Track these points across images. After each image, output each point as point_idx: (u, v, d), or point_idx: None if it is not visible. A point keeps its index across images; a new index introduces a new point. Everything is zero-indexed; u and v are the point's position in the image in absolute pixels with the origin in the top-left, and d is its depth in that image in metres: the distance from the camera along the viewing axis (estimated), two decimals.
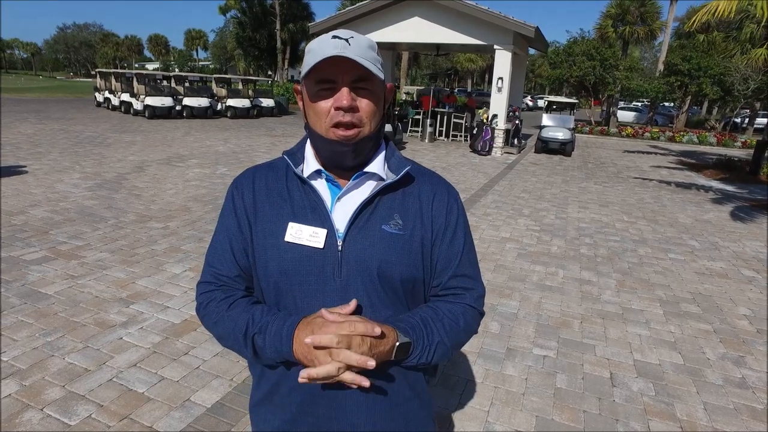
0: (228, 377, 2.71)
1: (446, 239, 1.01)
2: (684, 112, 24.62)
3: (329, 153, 0.95)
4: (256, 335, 0.91)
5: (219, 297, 0.99)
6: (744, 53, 14.12)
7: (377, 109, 0.94)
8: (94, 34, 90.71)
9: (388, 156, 1.04)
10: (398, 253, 0.96)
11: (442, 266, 1.02)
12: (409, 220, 0.98)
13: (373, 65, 0.89)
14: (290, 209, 0.98)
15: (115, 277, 3.95)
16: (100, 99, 20.49)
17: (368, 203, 0.97)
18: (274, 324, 0.91)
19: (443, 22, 13.07)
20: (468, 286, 1.04)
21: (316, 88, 0.91)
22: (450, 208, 1.03)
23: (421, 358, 0.94)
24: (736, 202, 8.63)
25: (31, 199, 6.04)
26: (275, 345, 0.89)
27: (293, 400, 0.99)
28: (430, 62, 53.57)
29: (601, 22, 28.13)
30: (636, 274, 4.74)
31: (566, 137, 13.27)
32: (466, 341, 1.06)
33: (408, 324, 0.94)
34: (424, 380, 1.06)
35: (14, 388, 2.50)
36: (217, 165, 9.12)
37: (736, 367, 3.15)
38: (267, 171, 1.05)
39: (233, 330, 0.94)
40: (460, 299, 1.02)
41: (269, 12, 35.54)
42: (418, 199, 1.01)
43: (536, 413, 2.58)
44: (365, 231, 0.96)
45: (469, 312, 1.02)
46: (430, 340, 0.94)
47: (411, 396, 1.03)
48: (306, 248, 0.94)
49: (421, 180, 1.04)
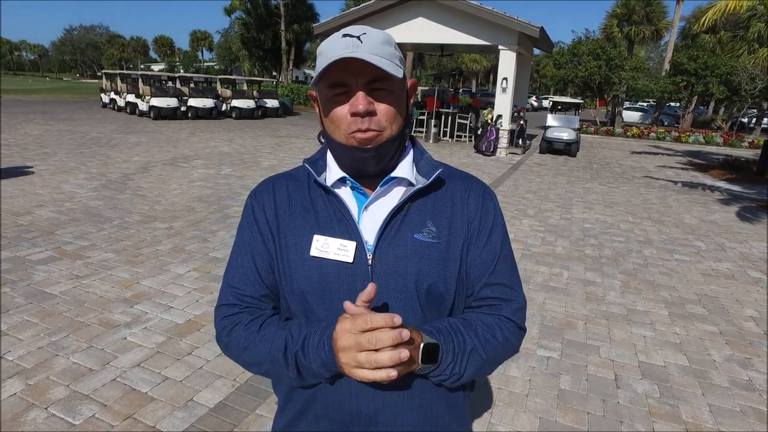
0: (231, 377, 2.72)
1: (480, 242, 0.91)
2: (690, 112, 24.46)
3: (350, 161, 0.88)
4: (299, 352, 0.81)
5: (246, 319, 0.88)
6: (751, 52, 14.02)
7: (398, 111, 0.86)
8: (100, 36, 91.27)
9: (417, 158, 0.95)
10: (434, 263, 0.87)
11: (475, 273, 0.91)
12: (443, 227, 0.90)
13: (389, 62, 0.81)
14: (315, 221, 0.89)
15: (120, 277, 3.97)
16: (105, 100, 20.62)
17: (398, 211, 0.88)
18: (315, 335, 0.81)
19: (448, 23, 13.05)
20: (505, 296, 0.92)
21: (330, 93, 0.83)
22: (486, 209, 0.93)
23: (454, 367, 0.82)
24: (743, 203, 8.57)
25: (38, 199, 6.09)
26: (320, 357, 0.79)
27: (322, 425, 0.91)
28: (435, 63, 53.51)
29: (606, 22, 28.06)
30: (641, 275, 4.71)
31: (571, 138, 13.22)
32: (506, 358, 0.92)
33: (434, 328, 0.83)
34: (464, 402, 0.97)
35: (19, 387, 2.52)
36: (221, 166, 9.14)
37: (742, 369, 3.12)
38: (287, 181, 0.96)
39: (270, 351, 0.84)
40: (495, 311, 0.91)
41: (274, 13, 35.65)
42: (450, 202, 0.92)
43: (540, 414, 2.56)
44: (396, 241, 0.87)
45: (506, 325, 0.90)
46: (462, 347, 0.83)
47: (449, 420, 0.95)
48: (334, 263, 0.86)
49: (453, 182, 0.95)
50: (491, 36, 12.71)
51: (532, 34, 12.28)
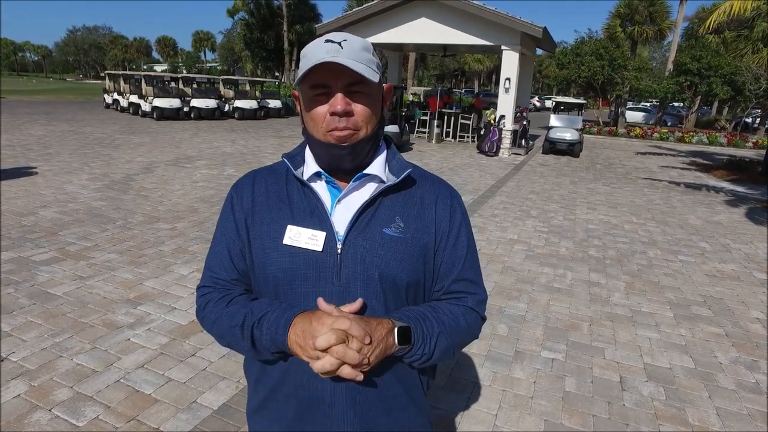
0: (235, 379, 2.71)
1: (449, 243, 1.00)
2: (693, 113, 24.38)
3: (327, 157, 0.95)
4: (255, 325, 0.90)
5: (216, 297, 0.99)
6: (755, 52, 13.95)
7: (373, 112, 0.93)
8: (103, 37, 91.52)
9: (389, 158, 1.03)
10: (399, 256, 0.94)
11: (445, 270, 1.01)
12: (410, 223, 0.97)
13: (366, 67, 0.88)
14: (289, 212, 0.97)
15: (123, 278, 3.96)
16: (108, 101, 20.67)
17: (369, 205, 0.95)
18: (273, 313, 0.90)
19: (450, 23, 13.03)
20: (470, 290, 1.02)
21: (311, 93, 0.90)
22: (453, 212, 1.02)
23: (424, 348, 0.91)
24: (748, 204, 8.52)
25: (41, 200, 6.10)
26: (271, 334, 0.88)
27: (289, 407, 0.98)
28: (437, 63, 53.50)
29: (609, 22, 27.97)
30: (645, 277, 4.69)
31: (574, 138, 13.18)
32: (468, 342, 1.04)
33: (404, 315, 0.93)
34: (421, 387, 1.05)
35: (23, 388, 2.51)
36: (224, 166, 9.15)
37: (749, 372, 3.09)
38: (267, 174, 1.04)
39: (231, 324, 0.93)
40: (461, 302, 1.01)
41: (277, 13, 35.74)
42: (420, 201, 1.00)
43: (545, 417, 2.55)
44: (365, 234, 0.94)
45: (470, 314, 1.01)
46: (429, 331, 0.93)
47: (407, 403, 1.01)
48: (304, 251, 0.93)
49: (423, 183, 1.03)
50: (494, 36, 12.69)
51: (535, 34, 12.26)
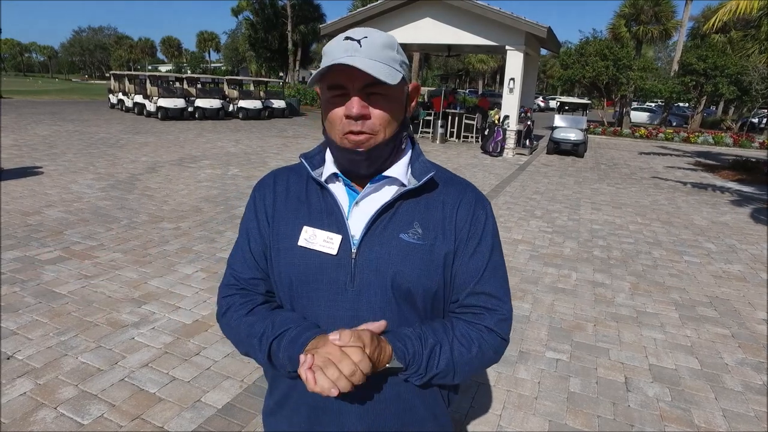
0: (239, 378, 2.71)
1: (467, 252, 0.92)
2: (699, 113, 24.24)
3: (344, 160, 0.91)
4: (275, 339, 0.88)
5: (238, 302, 0.96)
6: (762, 52, 13.85)
7: (393, 115, 0.87)
8: (108, 37, 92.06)
9: (413, 160, 0.96)
10: (415, 264, 0.88)
11: (460, 282, 0.92)
12: (430, 229, 0.91)
13: (386, 67, 0.82)
14: (306, 212, 0.94)
15: (128, 277, 3.98)
16: (113, 101, 20.74)
17: (387, 208, 0.90)
18: (294, 330, 0.87)
19: (455, 23, 13.02)
20: (490, 306, 0.92)
21: (329, 95, 0.86)
22: (476, 217, 0.93)
23: (415, 380, 0.87)
24: (754, 204, 8.47)
25: (47, 199, 6.13)
26: (288, 352, 0.86)
27: (302, 413, 0.97)
28: (441, 63, 53.44)
29: (614, 22, 27.86)
30: (650, 277, 4.66)
31: (578, 138, 13.14)
32: (481, 370, 0.97)
33: (409, 344, 0.85)
34: (442, 400, 1.00)
35: (29, 386, 2.53)
36: (228, 166, 9.17)
37: (755, 373, 3.07)
38: (289, 173, 1.02)
39: (249, 334, 0.91)
40: (478, 320, 0.92)
41: (281, 14, 35.79)
42: (441, 207, 0.93)
43: (549, 417, 2.54)
44: (382, 239, 0.89)
45: (486, 337, 0.91)
46: (429, 366, 0.86)
47: (426, 416, 0.97)
48: (319, 254, 0.90)
49: (447, 187, 0.96)
50: (498, 36, 12.67)
51: (539, 35, 12.22)
